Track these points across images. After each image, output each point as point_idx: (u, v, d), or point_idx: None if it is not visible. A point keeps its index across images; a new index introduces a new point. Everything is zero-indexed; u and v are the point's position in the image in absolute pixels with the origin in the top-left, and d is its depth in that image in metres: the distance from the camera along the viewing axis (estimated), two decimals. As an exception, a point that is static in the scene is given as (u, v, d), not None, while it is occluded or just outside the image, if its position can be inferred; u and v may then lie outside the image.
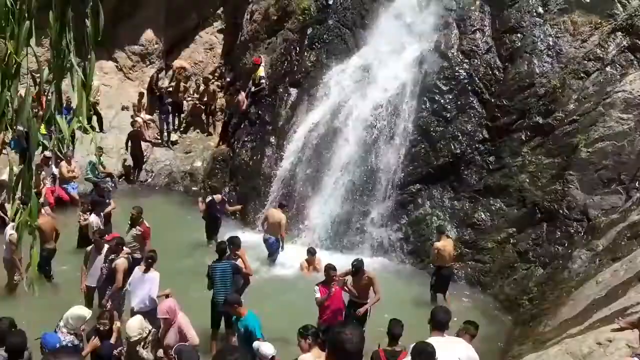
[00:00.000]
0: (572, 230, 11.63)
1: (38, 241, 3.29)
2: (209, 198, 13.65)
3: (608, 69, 12.61)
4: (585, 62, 12.86)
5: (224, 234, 12.01)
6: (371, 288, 9.56)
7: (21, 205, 2.91)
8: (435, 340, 5.56)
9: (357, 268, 9.54)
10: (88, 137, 16.35)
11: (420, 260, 13.09)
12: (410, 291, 11.90)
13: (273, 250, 12.86)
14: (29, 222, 2.91)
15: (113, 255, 9.78)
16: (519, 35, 13.71)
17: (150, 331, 7.77)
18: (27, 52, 2.69)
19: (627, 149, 11.64)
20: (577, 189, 11.83)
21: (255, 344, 7.48)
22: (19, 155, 13.06)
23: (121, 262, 9.60)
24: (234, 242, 10.15)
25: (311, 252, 10.92)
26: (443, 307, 6.11)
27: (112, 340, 7.66)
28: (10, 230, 10.52)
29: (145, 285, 9.11)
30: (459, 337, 6.45)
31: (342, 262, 10.81)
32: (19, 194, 2.93)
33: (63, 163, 15.10)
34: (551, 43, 13.37)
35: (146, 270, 9.22)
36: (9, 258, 10.25)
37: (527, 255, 12.04)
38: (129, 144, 17.21)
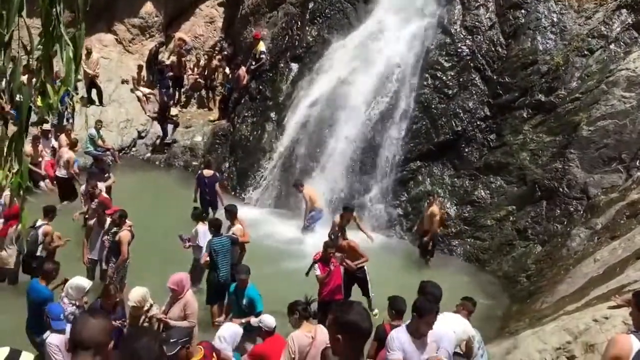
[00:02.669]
0: (572, 209, 11.64)
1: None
2: (199, 172, 13.51)
3: (612, 46, 12.49)
4: (589, 39, 12.74)
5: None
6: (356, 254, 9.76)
7: (12, 169, 2.93)
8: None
9: (334, 239, 9.72)
10: (87, 110, 16.48)
11: (419, 237, 13.11)
12: (410, 267, 11.98)
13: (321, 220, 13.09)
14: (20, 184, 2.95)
15: (116, 228, 9.82)
16: (522, 11, 13.57)
17: (151, 305, 7.75)
18: (18, 23, 2.69)
19: (629, 128, 11.59)
20: (578, 167, 11.81)
21: (260, 317, 7.55)
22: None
23: (125, 235, 9.65)
24: (231, 211, 10.34)
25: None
26: (433, 282, 6.13)
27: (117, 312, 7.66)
28: (6, 192, 10.59)
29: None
30: (457, 313, 6.50)
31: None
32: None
33: (62, 136, 15.06)
34: (555, 20, 13.23)
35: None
36: None
37: (526, 233, 12.07)
38: None
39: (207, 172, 13.17)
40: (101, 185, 12.16)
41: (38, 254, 9.81)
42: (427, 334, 5.14)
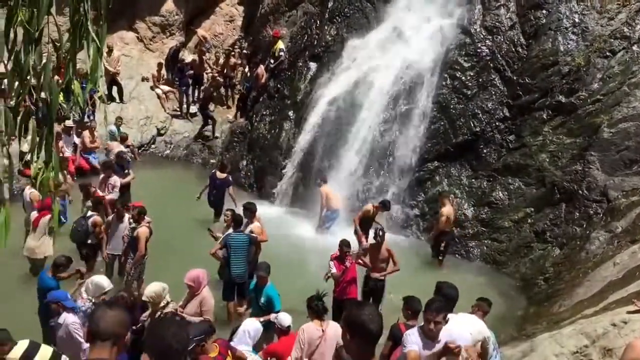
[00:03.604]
0: (591, 211, 11.51)
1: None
2: (212, 172, 13.50)
3: (635, 47, 12.33)
4: (612, 40, 12.59)
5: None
6: (390, 260, 9.69)
7: (43, 165, 3.00)
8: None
9: (383, 236, 9.66)
10: (107, 107, 16.71)
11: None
12: (426, 268, 11.94)
13: (338, 220, 13.13)
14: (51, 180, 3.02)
15: (134, 224, 9.92)
16: (544, 11, 13.45)
17: (168, 303, 7.77)
18: (47, 20, 2.77)
19: (651, 130, 11.43)
20: (598, 170, 11.68)
21: (277, 314, 7.60)
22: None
23: (143, 231, 9.73)
24: (250, 208, 10.39)
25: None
26: (449, 282, 6.13)
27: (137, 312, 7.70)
28: (28, 190, 10.81)
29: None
30: (472, 314, 6.48)
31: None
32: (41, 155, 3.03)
33: (86, 133, 15.26)
34: (577, 20, 13.10)
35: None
36: (30, 220, 10.40)
37: (545, 235, 11.97)
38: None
39: (220, 175, 13.15)
40: (116, 181, 12.29)
41: (89, 242, 10.32)
42: (439, 335, 5.11)
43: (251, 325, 6.84)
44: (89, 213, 10.49)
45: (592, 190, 11.65)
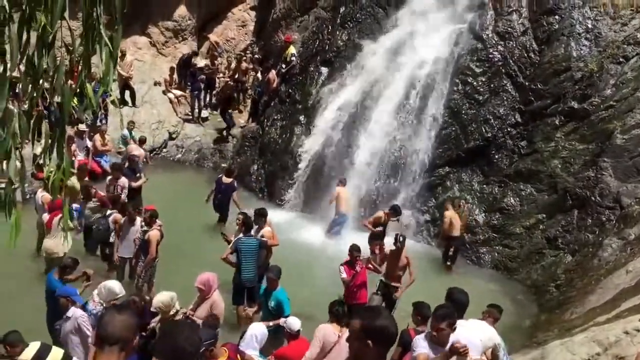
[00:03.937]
0: (604, 218, 11.43)
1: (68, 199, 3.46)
2: (219, 176, 13.50)
3: (649, 53, 12.27)
4: (625, 46, 12.52)
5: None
6: (407, 269, 9.63)
7: (55, 167, 3.04)
8: (457, 323, 5.55)
9: (403, 242, 9.56)
10: (120, 111, 16.82)
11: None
12: (436, 273, 11.89)
13: (347, 225, 13.11)
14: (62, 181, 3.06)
15: (146, 227, 9.95)
16: (556, 17, 13.40)
17: (177, 311, 7.76)
18: (61, 25, 2.80)
19: (665, 137, 11.34)
20: (611, 176, 11.60)
21: (286, 319, 7.60)
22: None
23: (154, 234, 9.76)
24: (263, 214, 10.40)
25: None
26: (460, 288, 6.09)
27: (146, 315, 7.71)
28: (40, 193, 10.91)
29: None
30: (483, 320, 6.43)
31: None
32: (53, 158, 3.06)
33: (97, 136, 15.36)
34: (590, 26, 13.03)
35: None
36: (42, 222, 10.46)
37: (556, 241, 11.90)
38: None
39: (226, 180, 13.16)
40: (125, 183, 12.36)
41: (111, 240, 10.52)
42: (448, 341, 5.07)
43: (258, 329, 6.86)
44: (109, 211, 10.64)
45: (604, 196, 11.56)
